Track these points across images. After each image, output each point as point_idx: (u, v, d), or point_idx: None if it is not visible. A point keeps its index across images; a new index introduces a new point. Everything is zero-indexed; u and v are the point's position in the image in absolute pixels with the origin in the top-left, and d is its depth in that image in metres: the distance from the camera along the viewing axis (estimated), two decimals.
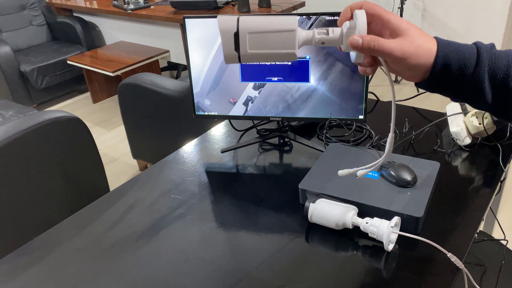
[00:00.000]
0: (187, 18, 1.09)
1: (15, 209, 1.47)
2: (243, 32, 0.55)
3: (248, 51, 0.56)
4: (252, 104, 1.14)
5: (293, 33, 0.55)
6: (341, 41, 0.57)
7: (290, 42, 0.56)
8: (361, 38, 0.55)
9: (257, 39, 0.55)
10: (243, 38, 0.55)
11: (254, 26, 0.55)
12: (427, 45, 0.55)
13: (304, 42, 0.58)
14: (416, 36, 0.55)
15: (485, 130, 1.06)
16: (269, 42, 0.55)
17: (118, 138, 3.08)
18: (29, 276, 0.84)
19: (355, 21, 0.56)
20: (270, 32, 0.55)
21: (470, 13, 3.19)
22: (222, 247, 0.87)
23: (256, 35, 0.55)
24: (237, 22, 0.55)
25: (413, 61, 0.55)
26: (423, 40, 0.55)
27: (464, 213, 0.89)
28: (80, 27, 3.75)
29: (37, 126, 1.48)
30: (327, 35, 0.57)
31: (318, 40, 0.57)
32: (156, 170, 1.15)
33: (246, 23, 0.55)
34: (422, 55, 0.55)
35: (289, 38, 0.55)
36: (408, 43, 0.55)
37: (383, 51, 0.55)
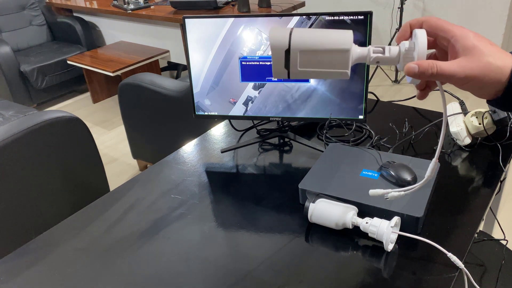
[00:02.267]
0: (187, 18, 1.09)
1: (15, 209, 1.47)
2: (295, 50, 0.52)
3: (298, 69, 0.53)
4: (252, 104, 1.14)
5: (347, 54, 0.52)
6: (397, 61, 0.54)
7: (343, 62, 0.53)
8: (418, 65, 0.50)
9: (309, 58, 0.53)
10: (294, 56, 0.53)
11: (307, 44, 0.52)
12: (498, 63, 0.49)
13: (358, 60, 0.55)
14: (485, 54, 0.49)
15: (485, 130, 1.06)
16: (321, 61, 0.53)
17: (118, 138, 3.08)
18: (29, 276, 0.84)
19: (415, 41, 0.52)
20: (323, 52, 0.52)
21: (470, 13, 3.19)
22: (222, 247, 0.87)
23: (308, 54, 0.52)
24: (289, 38, 0.52)
25: (480, 82, 0.50)
26: (494, 58, 0.49)
27: (464, 213, 0.89)
28: (80, 27, 3.75)
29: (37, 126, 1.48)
30: (383, 55, 0.54)
31: (373, 60, 0.54)
32: (156, 170, 1.15)
33: (299, 39, 0.52)
34: (491, 75, 0.49)
35: (342, 58, 0.53)
36: (474, 63, 0.49)
37: (444, 75, 0.50)
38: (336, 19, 1.01)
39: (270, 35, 0.53)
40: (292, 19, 1.03)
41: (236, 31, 1.07)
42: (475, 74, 0.49)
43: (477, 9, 3.14)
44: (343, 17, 1.00)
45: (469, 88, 0.52)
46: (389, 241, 0.79)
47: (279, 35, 0.52)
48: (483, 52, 0.50)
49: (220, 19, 1.07)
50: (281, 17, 1.04)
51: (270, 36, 0.53)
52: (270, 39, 0.53)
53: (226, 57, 1.10)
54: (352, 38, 0.53)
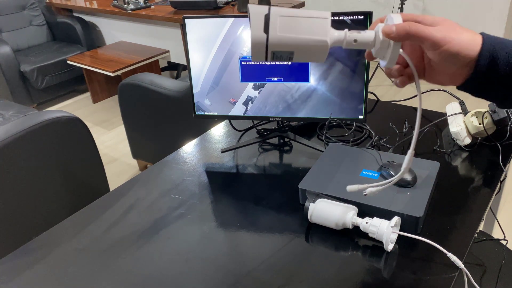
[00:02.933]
0: (187, 18, 1.09)
1: (15, 209, 1.47)
2: (275, 15, 0.53)
3: (277, 33, 0.53)
4: (252, 104, 1.14)
5: (326, 20, 0.53)
6: (373, 45, 0.55)
7: (322, 29, 0.53)
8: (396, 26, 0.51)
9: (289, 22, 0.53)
10: (274, 19, 0.53)
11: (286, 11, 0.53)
12: (470, 35, 0.51)
13: (336, 42, 0.55)
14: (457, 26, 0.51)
15: (485, 130, 1.06)
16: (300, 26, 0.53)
17: (118, 138, 3.08)
18: (29, 276, 0.84)
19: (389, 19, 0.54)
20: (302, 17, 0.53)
21: (470, 13, 3.19)
22: (222, 247, 0.87)
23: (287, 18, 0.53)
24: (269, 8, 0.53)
25: (455, 47, 0.50)
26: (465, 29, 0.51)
27: (464, 213, 0.89)
28: (80, 27, 3.75)
29: (37, 126, 1.48)
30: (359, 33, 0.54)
31: (349, 37, 0.55)
32: (156, 170, 1.15)
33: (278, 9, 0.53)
34: (465, 42, 0.50)
35: (321, 24, 0.53)
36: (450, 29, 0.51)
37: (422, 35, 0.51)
38: (336, 19, 1.01)
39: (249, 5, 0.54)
40: None
41: (236, 31, 1.07)
42: (452, 37, 0.50)
43: (477, 9, 3.15)
44: (343, 17, 1.00)
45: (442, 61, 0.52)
46: (389, 241, 0.79)
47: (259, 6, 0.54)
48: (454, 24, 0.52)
49: (220, 19, 1.07)
50: None
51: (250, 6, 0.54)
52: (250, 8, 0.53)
53: (226, 57, 1.10)
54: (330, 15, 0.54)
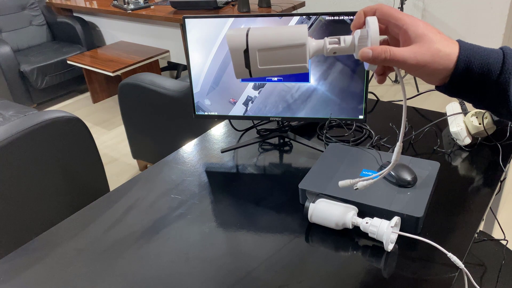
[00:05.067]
0: (187, 18, 1.09)
1: (15, 209, 1.47)
2: (253, 50, 0.54)
3: (258, 67, 0.55)
4: (252, 104, 1.14)
5: (303, 48, 0.54)
6: (353, 50, 0.56)
7: (300, 57, 0.55)
8: (371, 50, 0.53)
9: (267, 56, 0.54)
10: (253, 55, 0.54)
11: (264, 42, 0.54)
12: (446, 50, 0.52)
13: (315, 53, 0.56)
14: (434, 41, 0.52)
15: (485, 130, 1.06)
16: (279, 57, 0.54)
17: (118, 138, 3.08)
18: (29, 276, 0.84)
19: (367, 29, 0.54)
20: (280, 48, 0.54)
21: (470, 13, 3.19)
22: (222, 247, 0.87)
23: (266, 52, 0.54)
24: (246, 38, 0.54)
25: (430, 68, 0.52)
26: (442, 44, 0.52)
27: (464, 213, 0.89)
28: (80, 27, 3.75)
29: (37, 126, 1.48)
30: (338, 45, 0.55)
31: (329, 50, 0.56)
32: (156, 170, 1.15)
33: (255, 39, 0.54)
34: (440, 62, 0.52)
35: (299, 53, 0.54)
36: (424, 50, 0.52)
37: (396, 60, 0.53)
38: (336, 19, 1.01)
39: (227, 37, 0.55)
40: (292, 19, 1.03)
41: None
42: (426, 60, 0.52)
43: (477, 9, 3.14)
44: (343, 17, 1.00)
45: (420, 74, 0.54)
46: (389, 241, 0.79)
47: (236, 36, 0.54)
48: (432, 40, 0.52)
49: (220, 19, 1.07)
50: (281, 17, 1.04)
51: (227, 38, 0.55)
52: (228, 41, 0.54)
53: (226, 57, 1.10)
54: (306, 32, 0.54)
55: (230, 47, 0.55)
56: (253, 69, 0.55)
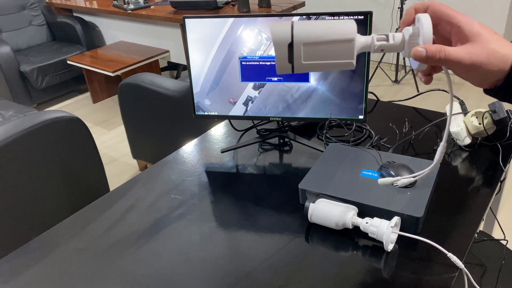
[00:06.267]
0: (187, 18, 1.09)
1: (15, 209, 1.47)
2: (298, 43, 0.51)
3: (302, 62, 0.52)
4: (252, 104, 1.14)
5: (351, 43, 0.51)
6: (402, 48, 0.53)
7: (348, 52, 0.52)
8: (426, 49, 0.50)
9: (313, 50, 0.52)
10: (297, 49, 0.51)
11: (310, 36, 0.51)
12: (503, 51, 0.49)
13: (362, 49, 0.54)
14: (490, 41, 0.49)
15: (485, 130, 1.06)
16: (325, 52, 0.52)
17: (118, 138, 3.08)
18: (29, 276, 0.84)
19: (419, 27, 0.51)
20: (327, 43, 0.51)
21: (470, 13, 3.19)
22: (222, 247, 0.87)
23: (311, 46, 0.51)
24: (291, 31, 0.51)
25: (484, 69, 0.50)
26: (498, 45, 0.49)
27: (464, 213, 0.89)
28: (80, 27, 3.75)
29: (37, 126, 1.48)
30: (387, 42, 0.53)
31: (377, 47, 0.54)
32: (156, 170, 1.15)
33: (301, 32, 0.51)
34: (496, 63, 0.49)
35: (347, 48, 0.52)
36: (480, 49, 0.49)
37: (451, 61, 0.50)
38: (336, 19, 1.01)
39: (271, 30, 0.52)
40: (292, 19, 1.03)
41: (236, 31, 1.07)
42: (481, 61, 0.49)
43: (477, 9, 3.15)
44: (343, 17, 1.00)
45: (472, 76, 0.51)
46: (389, 241, 0.79)
47: (280, 29, 0.51)
48: (488, 39, 0.49)
49: (220, 19, 1.07)
50: (281, 17, 1.04)
51: (271, 31, 0.52)
52: (272, 34, 0.52)
53: (226, 57, 1.10)
54: (355, 27, 0.52)
55: (274, 40, 0.51)
56: (297, 64, 0.52)
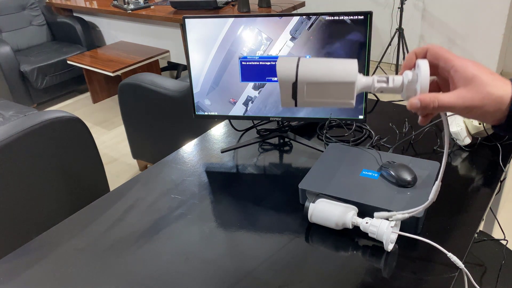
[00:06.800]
0: (187, 18, 1.09)
1: (15, 209, 1.47)
2: (302, 83, 0.54)
3: (305, 99, 0.56)
4: (252, 104, 1.14)
5: (352, 85, 0.54)
6: (401, 91, 0.55)
7: (348, 93, 0.55)
8: (420, 100, 0.52)
9: (315, 89, 0.55)
10: (301, 88, 0.55)
11: (313, 77, 0.54)
12: (498, 93, 0.50)
13: (362, 89, 0.56)
14: (485, 84, 0.50)
15: (485, 130, 1.06)
16: (327, 92, 0.55)
17: (118, 138, 3.08)
18: (29, 276, 0.84)
19: (418, 73, 0.53)
20: (329, 84, 0.54)
21: (470, 13, 3.19)
22: (222, 247, 0.87)
23: (314, 86, 0.54)
24: (296, 71, 0.54)
25: (480, 111, 0.51)
26: (493, 87, 0.50)
27: (464, 213, 0.89)
28: (80, 27, 3.75)
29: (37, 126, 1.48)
30: (386, 85, 0.55)
31: (377, 89, 0.56)
32: (156, 170, 1.15)
33: (305, 72, 0.54)
34: (491, 104, 0.50)
35: (347, 89, 0.54)
36: (473, 93, 0.50)
37: (445, 107, 0.51)
38: (336, 19, 1.01)
39: (277, 67, 0.55)
40: (292, 19, 1.03)
41: (236, 31, 1.07)
42: (475, 104, 0.50)
43: (477, 9, 3.14)
44: (343, 17, 1.00)
45: (471, 116, 0.53)
46: (389, 241, 0.79)
47: (286, 68, 0.54)
48: (483, 82, 0.50)
49: (220, 19, 1.07)
50: (281, 17, 1.04)
51: (277, 68, 0.55)
52: (277, 71, 0.55)
53: (226, 57, 1.10)
54: (357, 69, 0.54)
55: (280, 78, 0.55)
56: (300, 100, 0.56)
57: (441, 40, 3.36)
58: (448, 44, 3.34)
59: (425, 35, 3.46)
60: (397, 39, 3.29)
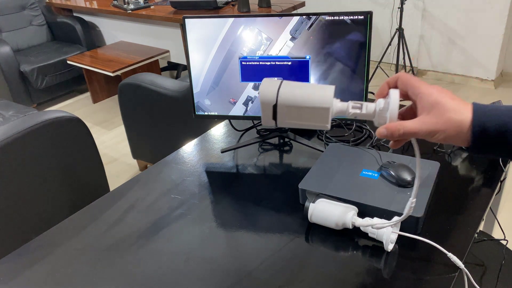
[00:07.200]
0: (187, 18, 1.09)
1: (15, 209, 1.47)
2: (281, 106, 0.59)
3: (284, 120, 0.61)
4: (252, 104, 1.14)
5: (327, 110, 0.59)
6: (373, 117, 0.59)
7: (323, 117, 0.59)
8: (386, 129, 0.56)
9: (293, 112, 0.60)
10: (281, 110, 0.60)
11: (292, 101, 0.59)
12: (458, 117, 0.53)
13: (338, 114, 0.60)
14: (446, 110, 0.53)
15: None
16: (304, 115, 0.60)
17: (118, 138, 3.08)
18: (29, 276, 0.84)
19: (389, 101, 0.57)
20: (306, 108, 0.59)
21: (470, 13, 3.19)
22: (222, 247, 0.87)
23: (292, 109, 0.59)
24: (277, 94, 0.59)
25: (443, 135, 0.54)
26: (453, 112, 0.53)
27: (464, 213, 0.89)
28: (80, 27, 3.75)
29: (37, 126, 1.48)
30: (360, 111, 0.59)
31: (351, 114, 0.60)
32: (156, 170, 1.15)
33: (285, 96, 0.59)
34: (452, 129, 0.53)
35: (323, 114, 0.59)
36: (435, 119, 0.53)
37: (410, 133, 0.55)
38: (336, 19, 1.01)
39: (260, 89, 0.60)
40: (292, 19, 1.03)
41: (236, 31, 1.07)
42: (438, 129, 0.54)
43: (477, 9, 3.15)
44: (343, 17, 1.00)
45: (435, 140, 0.56)
46: (389, 241, 0.79)
47: (268, 90, 0.60)
48: (444, 108, 0.53)
49: (220, 19, 1.07)
50: (281, 17, 1.04)
51: (260, 91, 0.60)
52: (260, 94, 0.60)
53: (226, 57, 1.10)
54: (332, 95, 0.59)
55: (261, 100, 0.60)
56: (279, 121, 0.61)
57: (441, 40, 3.36)
58: (448, 44, 3.34)
59: (425, 35, 3.46)
60: (397, 39, 3.29)
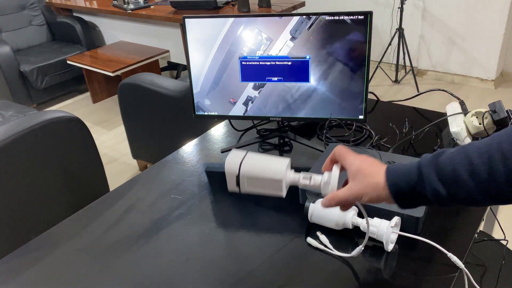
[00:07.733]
0: (187, 18, 1.09)
1: (15, 209, 1.47)
2: (243, 176, 0.71)
3: (246, 188, 0.72)
4: (252, 104, 1.14)
5: (280, 182, 0.70)
6: (319, 189, 0.70)
7: (278, 187, 0.71)
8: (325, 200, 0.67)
9: (253, 181, 0.72)
10: (242, 179, 0.72)
11: (251, 172, 0.71)
12: (374, 180, 0.62)
13: (291, 183, 0.72)
14: (365, 176, 0.63)
15: (485, 130, 1.06)
16: (262, 184, 0.71)
17: (118, 138, 3.08)
18: (29, 276, 0.84)
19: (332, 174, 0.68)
20: (263, 179, 0.71)
21: (470, 13, 3.18)
22: (222, 247, 0.87)
23: (252, 179, 0.71)
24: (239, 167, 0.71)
25: (368, 197, 0.62)
26: (370, 177, 0.62)
27: (464, 213, 0.89)
28: (80, 27, 3.75)
29: (37, 126, 1.48)
30: (309, 182, 0.70)
31: (302, 185, 0.71)
32: (156, 170, 1.15)
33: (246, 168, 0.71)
34: (372, 191, 0.62)
35: (277, 184, 0.71)
36: (358, 184, 0.63)
37: (342, 201, 0.65)
38: (336, 19, 1.01)
39: (226, 162, 0.72)
40: (292, 19, 1.03)
41: (236, 31, 1.07)
42: (361, 193, 0.63)
43: (477, 9, 3.14)
44: (343, 17, 1.00)
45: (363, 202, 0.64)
46: (389, 241, 0.79)
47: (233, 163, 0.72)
48: (363, 174, 0.63)
49: (220, 19, 1.07)
50: (281, 17, 1.04)
51: (226, 163, 0.72)
52: (226, 165, 0.72)
53: (226, 57, 1.10)
54: (284, 170, 0.70)
55: (226, 171, 0.72)
56: (242, 188, 0.73)
57: (441, 40, 3.36)
58: (448, 44, 3.34)
59: (425, 35, 3.46)
60: (397, 39, 3.29)
